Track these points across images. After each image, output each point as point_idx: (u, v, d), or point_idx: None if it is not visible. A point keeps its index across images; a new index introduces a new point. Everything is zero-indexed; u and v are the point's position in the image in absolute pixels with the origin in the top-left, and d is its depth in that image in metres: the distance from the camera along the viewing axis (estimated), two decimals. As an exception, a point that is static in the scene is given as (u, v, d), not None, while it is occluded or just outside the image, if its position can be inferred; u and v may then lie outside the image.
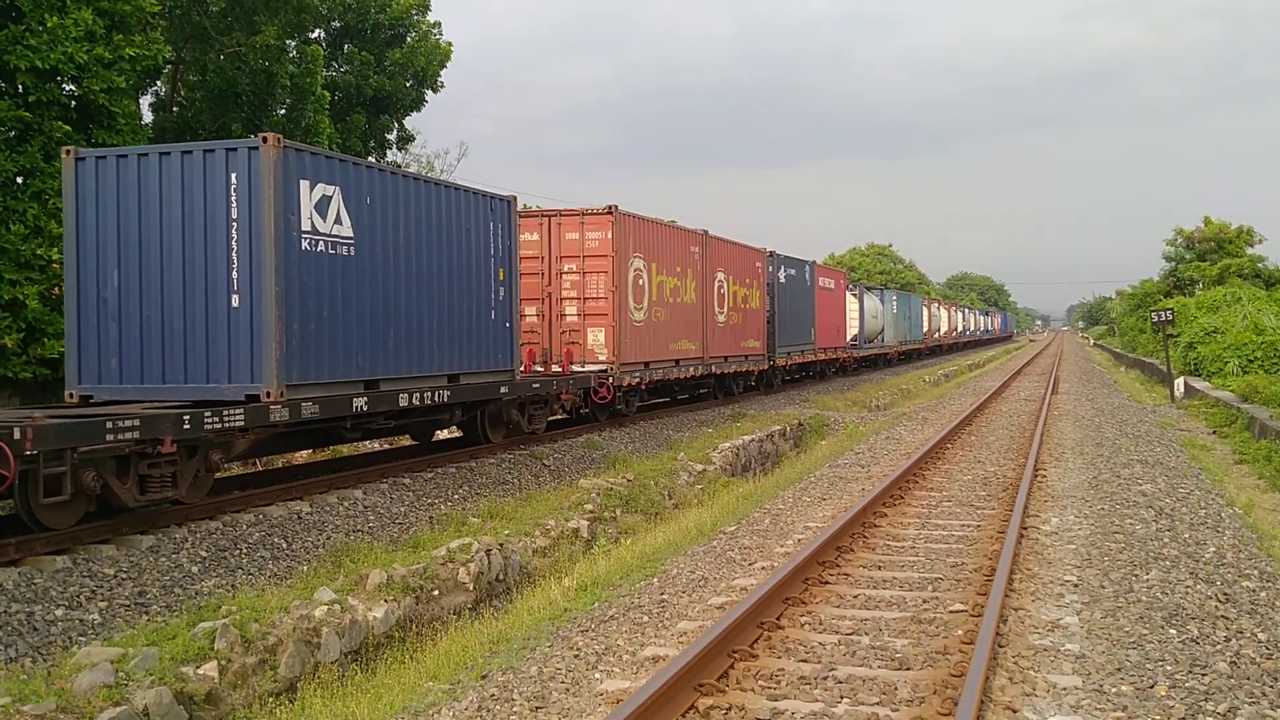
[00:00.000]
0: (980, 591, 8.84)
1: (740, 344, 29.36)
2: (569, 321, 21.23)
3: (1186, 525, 11.53)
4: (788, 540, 11.24)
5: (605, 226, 21.11)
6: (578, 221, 21.25)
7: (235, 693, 8.10)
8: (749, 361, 30.34)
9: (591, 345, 21.03)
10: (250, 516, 12.09)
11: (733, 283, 28.58)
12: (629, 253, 21.63)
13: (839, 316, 42.64)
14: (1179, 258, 61.04)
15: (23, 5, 16.47)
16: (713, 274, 26.87)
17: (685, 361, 25.07)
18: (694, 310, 25.55)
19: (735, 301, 28.77)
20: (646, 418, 24.31)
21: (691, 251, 25.51)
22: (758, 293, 31.25)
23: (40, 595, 9.22)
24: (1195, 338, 36.42)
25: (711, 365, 26.83)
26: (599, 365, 20.89)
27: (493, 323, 16.58)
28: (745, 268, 30.05)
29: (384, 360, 13.90)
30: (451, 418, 16.52)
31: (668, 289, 23.79)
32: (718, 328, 27.31)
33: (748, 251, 30.59)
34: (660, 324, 23.34)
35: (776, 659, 7.29)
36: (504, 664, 7.37)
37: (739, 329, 29.21)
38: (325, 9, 26.65)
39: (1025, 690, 6.59)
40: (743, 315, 29.56)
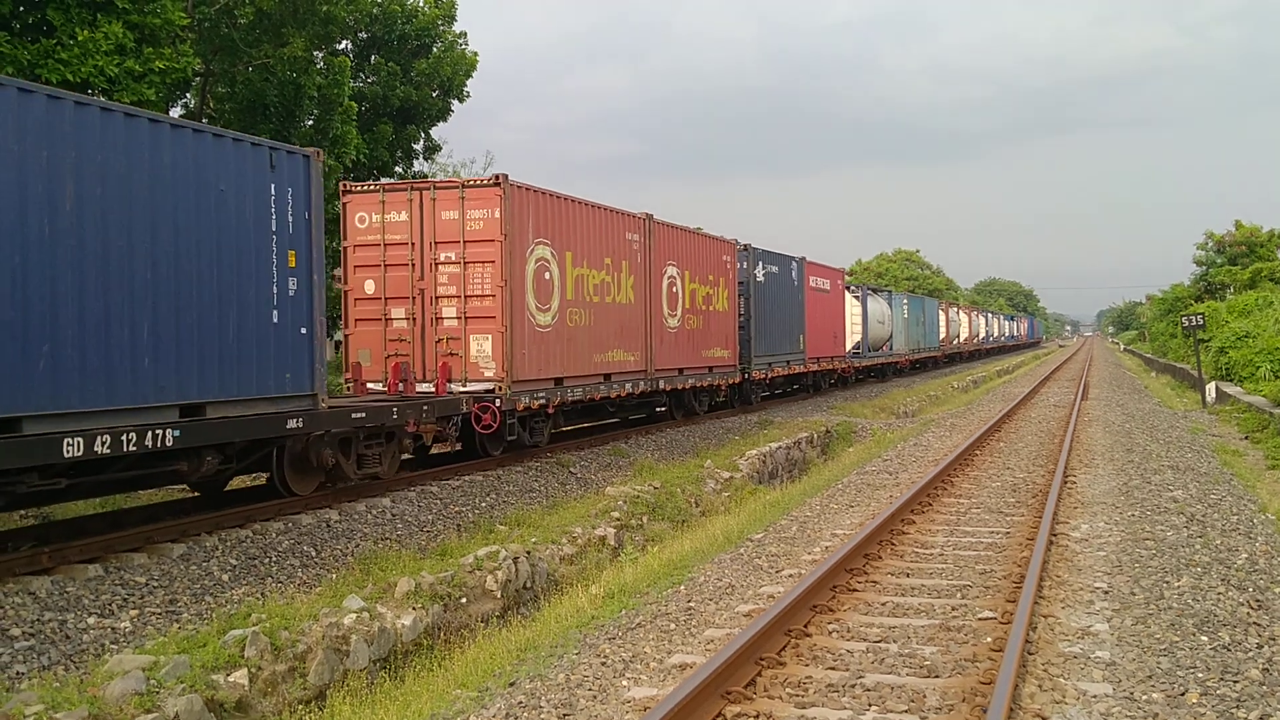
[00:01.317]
0: (1009, 598, 8.79)
1: (701, 353, 24.81)
2: (447, 327, 16.80)
3: (1218, 531, 11.42)
4: (815, 547, 11.21)
5: (492, 202, 16.60)
6: (456, 196, 16.74)
7: (265, 700, 8.15)
8: (714, 375, 25.82)
9: (475, 357, 16.65)
10: (279, 524, 12.17)
11: (690, 280, 24.07)
12: (527, 237, 17.19)
13: (836, 321, 38.22)
14: (1210, 262, 60.48)
15: (54, 19, 16.69)
16: (660, 268, 22.32)
17: (621, 376, 20.57)
18: (631, 313, 21.02)
19: (694, 302, 24.27)
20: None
21: (628, 240, 20.91)
22: (725, 293, 26.58)
23: (72, 603, 9.31)
24: (1227, 342, 36.05)
25: (659, 380, 22.23)
26: (485, 383, 16.56)
27: (275, 329, 12.15)
28: (708, 262, 25.43)
29: (28, 387, 9.36)
30: (197, 467, 11.54)
31: (590, 285, 19.29)
32: (668, 334, 22.74)
33: (711, 243, 25.97)
34: (579, 329, 18.92)
35: (804, 667, 7.27)
36: (532, 671, 7.38)
37: (699, 336, 24.62)
38: (352, 20, 26.84)
39: (1055, 698, 6.55)
40: (704, 319, 24.96)
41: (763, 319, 29.34)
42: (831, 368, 37.48)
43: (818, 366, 35.20)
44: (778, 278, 30.87)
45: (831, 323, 37.34)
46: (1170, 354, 57.97)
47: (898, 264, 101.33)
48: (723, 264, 26.52)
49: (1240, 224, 58.65)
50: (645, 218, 21.68)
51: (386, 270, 16.97)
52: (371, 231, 17.08)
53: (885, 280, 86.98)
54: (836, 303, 38.23)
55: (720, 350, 26.12)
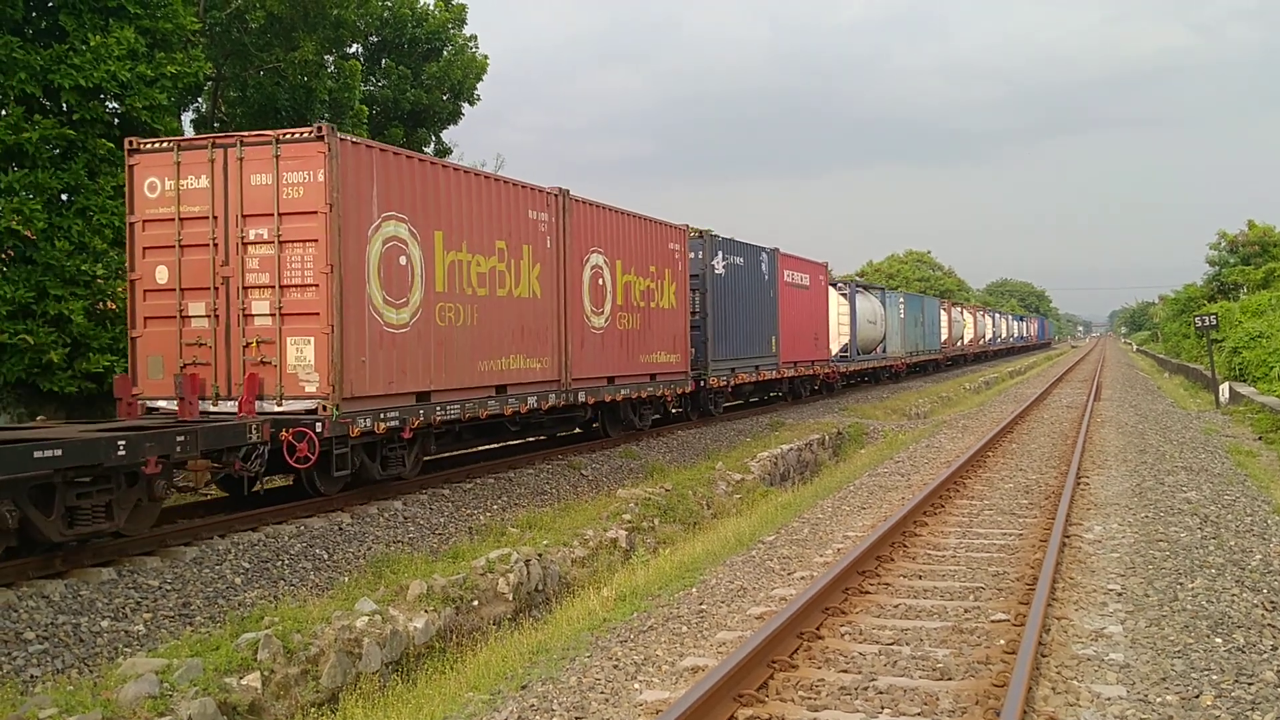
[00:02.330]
0: (1022, 600, 8.76)
1: (639, 358, 20.94)
2: (258, 327, 12.85)
3: (1232, 532, 11.37)
4: (827, 550, 11.19)
5: (314, 161, 12.66)
6: (269, 155, 12.80)
7: (278, 703, 8.17)
8: (658, 383, 21.82)
9: (294, 367, 12.73)
10: (292, 528, 12.19)
11: (623, 271, 20.23)
12: (370, 209, 13.33)
13: (817, 321, 34.21)
14: (1223, 262, 60.27)
15: (66, 25, 16.76)
16: (580, 256, 18.56)
17: (522, 388, 16.67)
18: (537, 310, 17.11)
19: (628, 298, 20.43)
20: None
21: (531, 220, 16.98)
22: (673, 287, 22.60)
23: (86, 607, 9.34)
24: (1240, 342, 35.90)
25: (579, 391, 18.41)
26: (305, 401, 12.67)
27: None
28: (649, 250, 21.52)
29: None
30: None
31: (473, 275, 15.44)
32: (592, 336, 18.98)
33: (652, 227, 21.78)
34: (456, 330, 15.01)
35: (816, 669, 7.26)
36: (543, 674, 7.38)
37: (636, 337, 20.82)
38: (363, 24, 26.91)
39: (1069, 700, 6.53)
40: (644, 318, 21.17)
41: (723, 318, 25.59)
42: (812, 373, 33.61)
43: (794, 372, 31.54)
44: (742, 271, 27.07)
45: (812, 323, 33.39)
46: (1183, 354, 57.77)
47: (909, 265, 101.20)
48: (669, 253, 22.47)
49: (1253, 223, 58.45)
50: (558, 194, 17.85)
51: (183, 253, 13.12)
52: (165, 202, 13.19)
53: (896, 281, 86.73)
54: (818, 301, 34.49)
55: (666, 354, 22.20)
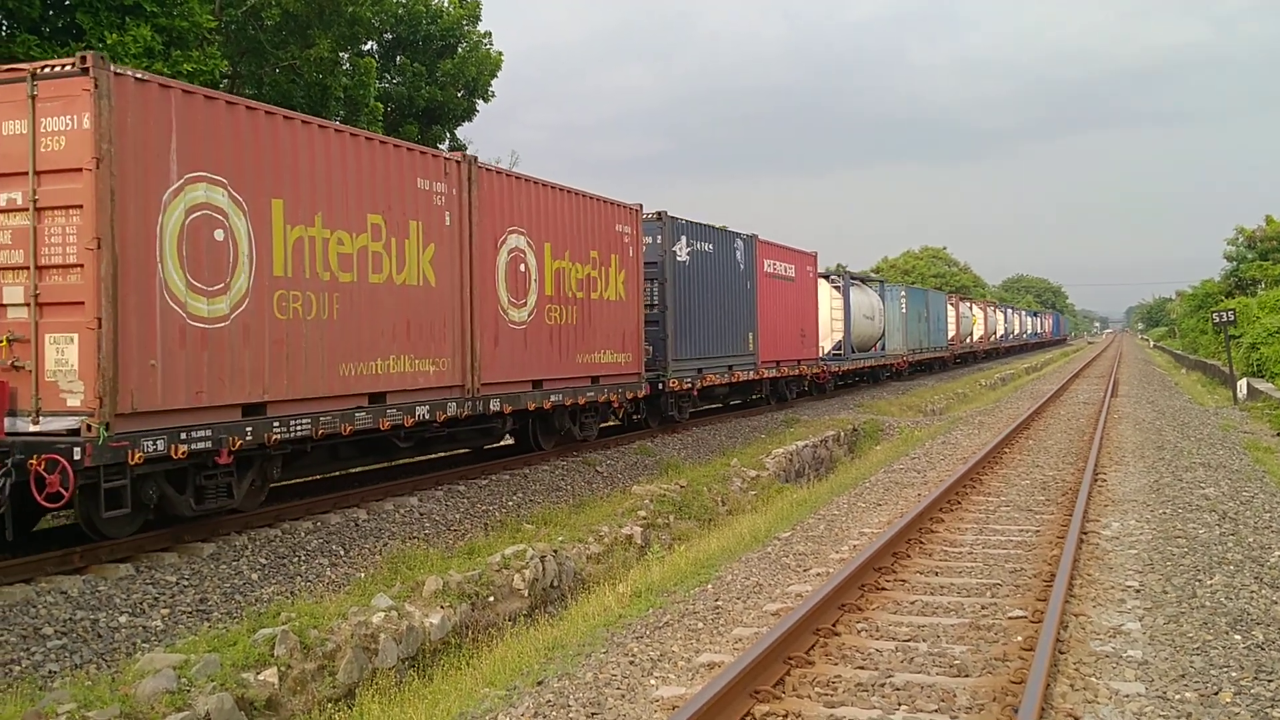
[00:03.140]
0: (1040, 597, 8.72)
1: (577, 358, 17.95)
2: (11, 320, 10.05)
3: (1250, 529, 11.30)
4: (843, 546, 11.17)
5: (80, 104, 9.75)
6: (23, 96, 9.92)
7: (295, 698, 8.19)
8: (602, 387, 18.74)
9: (53, 373, 9.86)
10: (308, 524, 12.23)
11: (554, 255, 17.28)
12: (167, 168, 10.45)
13: (805, 317, 31.36)
14: (1240, 257, 59.93)
15: (83, 23, 16.84)
16: (493, 236, 15.53)
17: (407, 396, 13.66)
18: (430, 300, 14.06)
19: (561, 287, 17.48)
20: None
21: (422, 190, 13.95)
22: (621, 275, 19.62)
23: (104, 602, 9.38)
24: (1258, 338, 35.70)
25: (492, 398, 15.32)
26: (66, 418, 9.79)
27: None
28: (589, 233, 18.49)
29: None
30: None
31: (332, 255, 12.39)
32: (511, 332, 15.96)
33: (592, 205, 18.70)
34: (305, 325, 11.97)
35: (833, 666, 7.24)
36: (559, 670, 7.38)
37: (573, 334, 17.86)
38: (378, 21, 26.97)
39: (1087, 697, 6.49)
40: (583, 311, 18.20)
41: (687, 312, 22.64)
42: (798, 373, 30.52)
43: (776, 372, 28.51)
44: (711, 259, 24.16)
45: (798, 318, 30.59)
46: (1201, 350, 57.47)
47: (924, 261, 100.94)
48: (616, 237, 19.42)
49: (1271, 219, 58.07)
50: (461, 161, 14.90)
51: None
52: None
53: (912, 278, 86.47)
54: (805, 294, 31.56)
55: (613, 353, 19.19)
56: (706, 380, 23.53)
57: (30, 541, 10.92)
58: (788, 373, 29.63)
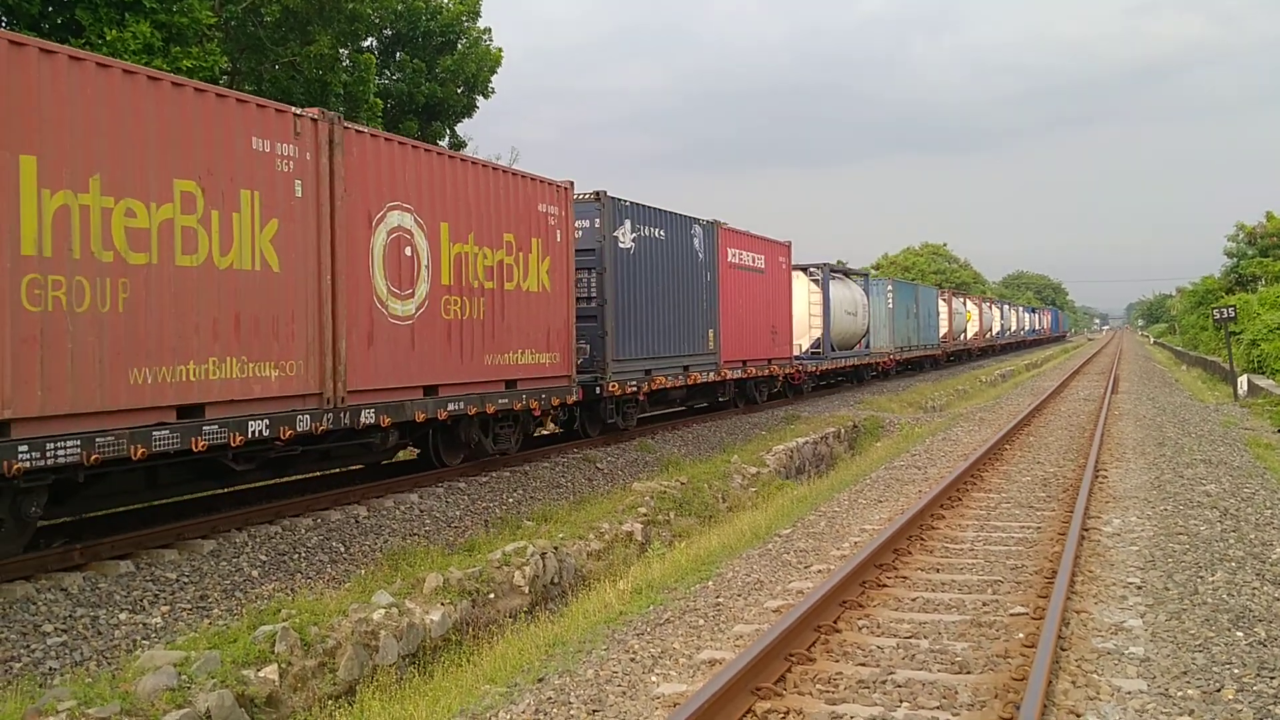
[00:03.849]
0: (1041, 594, 8.71)
1: (486, 359, 15.33)
2: None
3: (1252, 526, 11.30)
4: (844, 543, 11.16)
5: None
6: None
7: (295, 695, 8.18)
8: (519, 393, 16.12)
9: None
10: (309, 521, 12.22)
11: (454, 238, 14.63)
12: None
13: (777, 312, 28.65)
14: (1241, 254, 59.97)
15: (83, 19, 16.80)
16: (365, 212, 12.97)
17: (236, 409, 11.05)
18: (273, 288, 11.56)
19: (464, 276, 14.84)
20: None
21: (257, 153, 11.39)
22: (545, 264, 16.98)
23: (105, 599, 9.37)
24: (1259, 335, 35.73)
25: (363, 409, 12.80)
26: None
27: None
28: (502, 212, 15.81)
29: None
30: None
31: (116, 231, 9.85)
32: (390, 328, 13.35)
33: (506, 181, 16.06)
34: (71, 320, 9.40)
35: (834, 662, 7.23)
36: (560, 667, 7.37)
37: (481, 331, 15.23)
38: (377, 17, 26.92)
39: (1089, 694, 6.48)
40: (495, 304, 15.54)
41: (631, 306, 20.14)
42: (768, 373, 27.85)
43: (741, 373, 25.90)
44: (663, 247, 21.51)
45: (769, 313, 27.93)
46: (1201, 347, 57.52)
47: (925, 257, 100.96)
48: (539, 218, 16.87)
49: (1272, 215, 58.11)
50: (319, 120, 12.20)
51: None
52: None
53: (912, 274, 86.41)
54: (778, 287, 28.92)
55: (535, 353, 16.65)
56: (656, 383, 20.85)
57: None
58: (756, 373, 26.94)
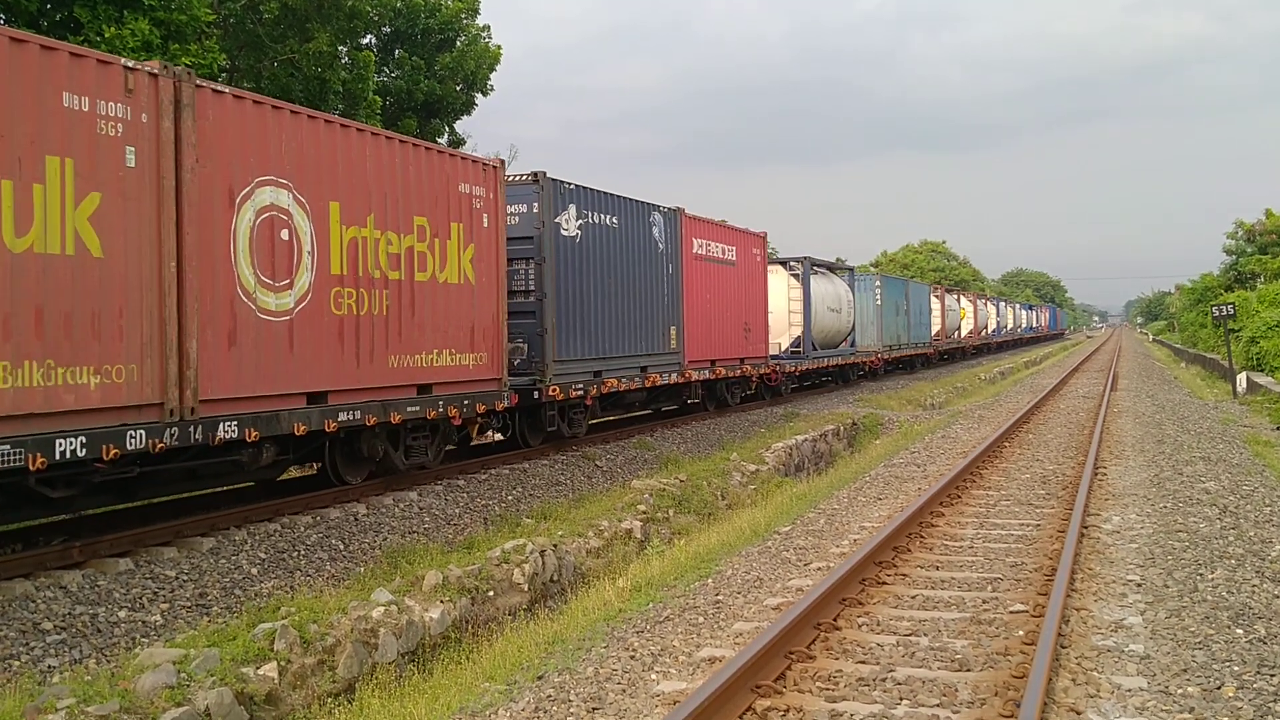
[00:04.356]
0: (1041, 591, 8.71)
1: (390, 361, 13.38)
2: None
3: (1251, 523, 11.30)
4: (843, 540, 11.15)
5: None
6: None
7: (295, 693, 8.17)
8: (433, 399, 14.13)
9: None
10: (308, 518, 12.21)
11: (348, 221, 12.68)
12: None
13: (750, 308, 26.68)
14: (1240, 251, 59.96)
15: (81, 17, 16.78)
16: (226, 187, 11.06)
17: (43, 423, 9.19)
18: (88, 275, 9.69)
19: (363, 264, 12.90)
20: None
21: (74, 113, 9.60)
22: (469, 251, 14.95)
23: (104, 597, 9.36)
24: (1258, 332, 35.72)
25: (221, 422, 10.85)
26: None
27: None
28: (413, 192, 13.86)
29: None
30: None
31: None
32: (258, 325, 11.42)
33: (416, 155, 14.05)
34: None
35: (834, 660, 7.22)
36: (560, 665, 7.37)
37: (385, 328, 13.28)
38: (376, 15, 26.90)
39: (1089, 692, 6.48)
40: (403, 297, 13.62)
41: (578, 300, 18.27)
42: (740, 374, 25.91)
43: (710, 374, 23.88)
44: (615, 235, 19.63)
45: (740, 310, 25.96)
46: (1200, 344, 57.53)
47: (924, 255, 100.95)
48: (460, 200, 14.83)
49: (1271, 212, 58.08)
50: (162, 74, 10.36)
51: None
52: None
53: (911, 272, 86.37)
54: (751, 281, 26.95)
55: (456, 354, 14.70)
56: (608, 385, 19.01)
57: (27, 536, 10.94)
58: (726, 374, 24.91)
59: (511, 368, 16.58)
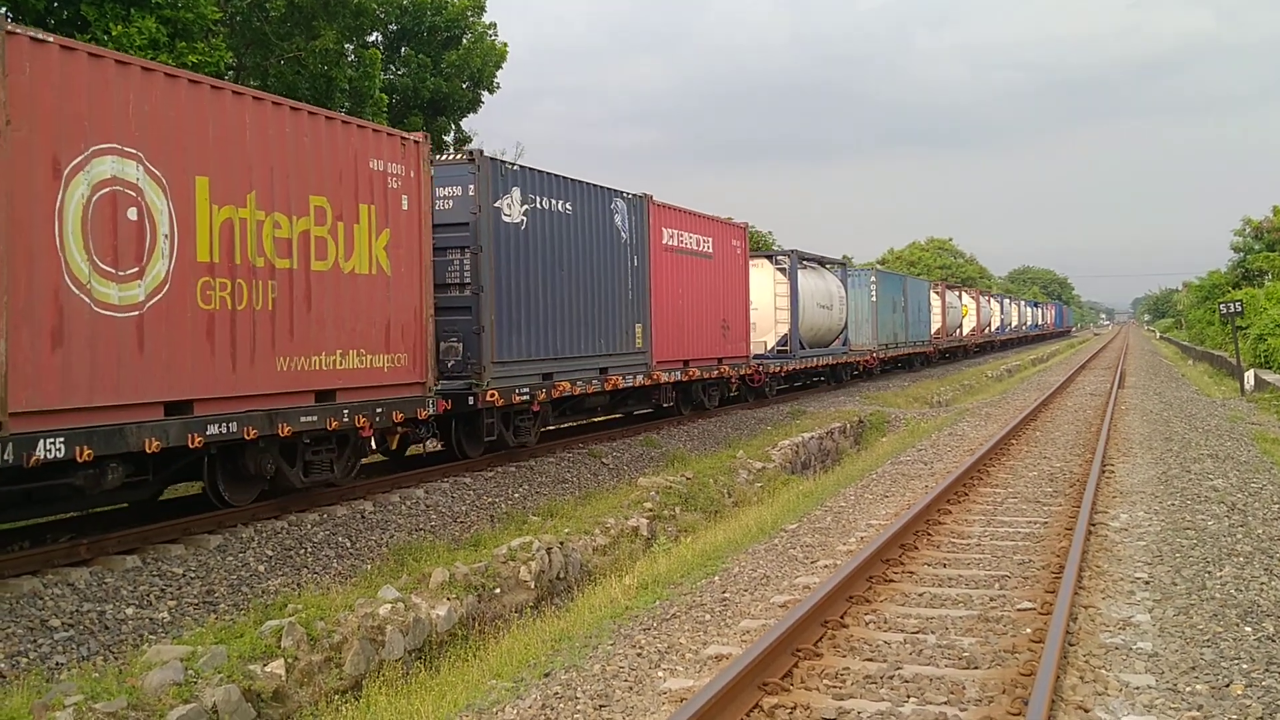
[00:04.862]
0: (1049, 589, 8.69)
1: (279, 363, 11.53)
2: None
3: (1260, 520, 11.26)
4: (850, 538, 11.14)
5: None
6: None
7: (302, 690, 8.18)
8: (335, 407, 12.23)
9: None
10: (315, 516, 12.22)
11: (220, 200, 10.79)
12: None
13: (729, 304, 24.68)
14: (1247, 248, 59.77)
15: (88, 15, 16.80)
16: (49, 157, 9.18)
17: None
18: None
19: (243, 252, 11.06)
20: None
21: None
22: (383, 237, 13.10)
23: (111, 594, 9.38)
24: (1265, 329, 35.63)
25: (41, 440, 8.90)
26: None
27: None
28: (310, 168, 12.00)
29: None
30: None
31: None
32: (99, 321, 9.56)
33: (313, 125, 12.13)
34: None
35: (841, 658, 7.21)
36: (567, 662, 7.36)
37: (274, 325, 11.46)
38: (383, 12, 26.90)
39: (1097, 689, 6.46)
40: (295, 289, 11.74)
41: (524, 294, 16.32)
42: (717, 375, 23.84)
43: (683, 375, 21.96)
44: (569, 223, 17.68)
45: (717, 306, 24.00)
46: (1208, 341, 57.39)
47: (930, 252, 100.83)
48: (372, 179, 12.98)
49: (1278, 209, 57.90)
50: None
51: None
52: None
53: (918, 269, 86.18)
54: (730, 276, 24.94)
55: (368, 355, 12.81)
56: (560, 389, 17.09)
57: (34, 534, 10.96)
58: (701, 375, 22.92)
59: (444, 370, 15.15)
